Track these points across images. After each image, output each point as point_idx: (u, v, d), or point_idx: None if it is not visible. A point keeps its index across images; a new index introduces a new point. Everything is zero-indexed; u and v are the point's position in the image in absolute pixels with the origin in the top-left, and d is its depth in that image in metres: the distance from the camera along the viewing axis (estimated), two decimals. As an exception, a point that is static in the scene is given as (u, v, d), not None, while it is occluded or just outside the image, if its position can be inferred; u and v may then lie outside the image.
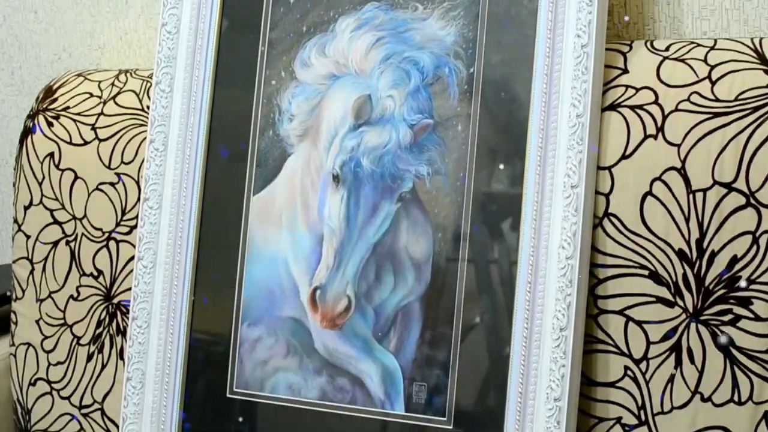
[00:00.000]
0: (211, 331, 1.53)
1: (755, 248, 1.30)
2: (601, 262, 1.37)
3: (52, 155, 1.69)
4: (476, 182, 1.39)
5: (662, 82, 1.37)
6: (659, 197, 1.34)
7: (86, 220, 1.66)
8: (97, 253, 1.65)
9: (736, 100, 1.33)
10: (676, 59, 1.38)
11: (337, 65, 1.47)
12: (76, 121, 1.70)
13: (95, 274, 1.65)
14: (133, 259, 1.58)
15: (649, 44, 1.42)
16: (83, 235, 1.66)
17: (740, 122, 1.32)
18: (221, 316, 1.51)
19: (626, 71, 1.40)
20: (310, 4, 1.50)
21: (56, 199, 1.69)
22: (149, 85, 1.67)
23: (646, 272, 1.34)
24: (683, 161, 1.33)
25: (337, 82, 1.47)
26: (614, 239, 1.36)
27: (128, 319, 1.56)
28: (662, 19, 1.53)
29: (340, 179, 1.44)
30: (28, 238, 1.71)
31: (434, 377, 1.40)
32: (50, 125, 1.71)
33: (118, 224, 1.64)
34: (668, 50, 1.40)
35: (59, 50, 1.97)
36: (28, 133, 1.73)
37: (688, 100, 1.35)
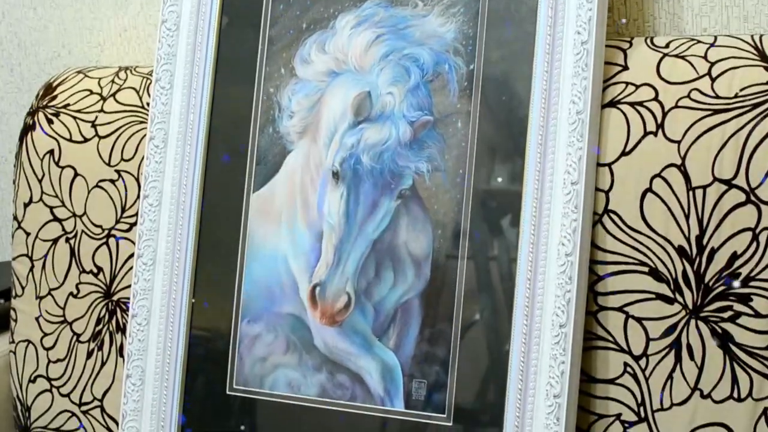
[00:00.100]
0: (210, 328, 1.53)
1: (755, 245, 1.30)
2: (600, 258, 1.37)
3: (52, 152, 1.69)
4: (476, 179, 1.39)
5: (662, 78, 1.37)
6: (659, 194, 1.34)
7: (86, 217, 1.66)
8: (96, 250, 1.65)
9: (736, 96, 1.33)
10: (676, 56, 1.38)
11: (336, 62, 1.47)
12: (76, 118, 1.70)
13: (95, 271, 1.65)
14: (132, 256, 1.58)
15: (649, 41, 1.42)
16: (83, 232, 1.66)
17: (740, 119, 1.31)
18: (221, 313, 1.51)
19: (626, 68, 1.40)
20: (309, 1, 1.50)
21: (56, 196, 1.69)
22: (149, 82, 1.67)
23: (645, 269, 1.34)
24: (683, 158, 1.33)
25: (336, 79, 1.47)
26: (614, 236, 1.36)
27: (128, 316, 1.56)
28: (662, 15, 1.53)
29: (339, 176, 1.44)
30: (27, 235, 1.71)
31: (434, 374, 1.40)
32: (50, 122, 1.71)
33: (117, 221, 1.63)
34: (668, 47, 1.40)
35: (59, 47, 1.97)
36: (27, 130, 1.73)
37: (688, 96, 1.35)
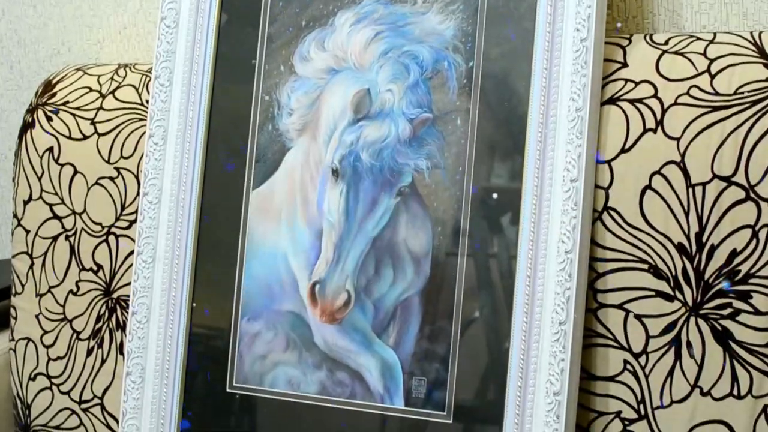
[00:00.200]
0: (210, 325, 1.53)
1: (755, 242, 1.30)
2: (600, 256, 1.37)
3: (51, 150, 1.69)
4: (475, 176, 1.39)
5: (661, 75, 1.37)
6: (659, 191, 1.34)
7: (86, 214, 1.66)
8: (96, 247, 1.65)
9: (735, 93, 1.32)
10: (675, 53, 1.38)
11: (336, 59, 1.47)
12: (75, 115, 1.69)
13: (95, 268, 1.65)
14: (132, 253, 1.58)
15: (648, 38, 1.42)
16: (83, 229, 1.66)
17: (739, 116, 1.31)
18: (221, 311, 1.51)
19: (625, 65, 1.40)
20: (309, -2, 1.50)
21: (56, 193, 1.68)
22: (148, 79, 1.67)
23: (645, 266, 1.34)
24: (683, 155, 1.33)
25: (336, 76, 1.47)
26: (614, 233, 1.36)
27: (128, 313, 1.56)
28: (661, 12, 1.53)
29: (339, 173, 1.44)
30: (27, 232, 1.71)
31: (434, 371, 1.40)
32: (49, 120, 1.71)
33: (117, 219, 1.63)
34: (667, 44, 1.40)
35: (58, 44, 1.97)
36: (27, 127, 1.73)
37: (687, 93, 1.35)
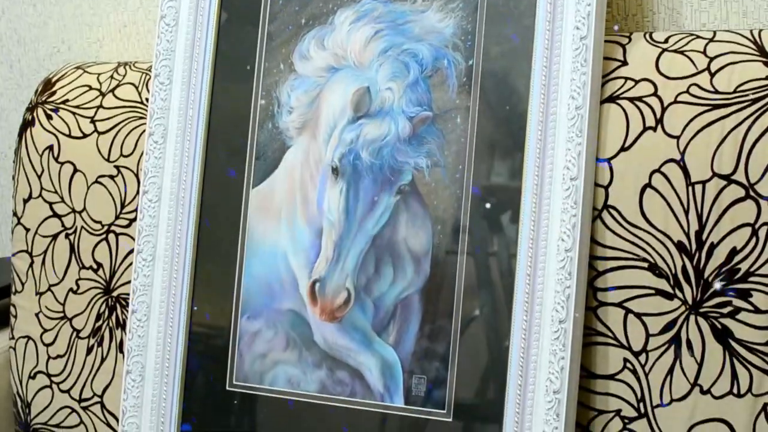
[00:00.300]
0: (210, 324, 1.53)
1: (754, 240, 1.30)
2: (600, 254, 1.37)
3: (51, 148, 1.69)
4: (475, 175, 1.39)
5: (661, 74, 1.37)
6: (658, 189, 1.34)
7: (86, 213, 1.66)
8: (96, 246, 1.65)
9: (735, 92, 1.32)
10: (675, 51, 1.38)
11: (336, 57, 1.47)
12: (75, 113, 1.69)
13: (95, 267, 1.65)
14: (132, 252, 1.58)
15: (648, 36, 1.42)
16: (83, 228, 1.66)
17: (739, 114, 1.31)
18: (221, 309, 1.51)
19: (625, 63, 1.40)
20: (308, -4, 1.50)
21: (55, 192, 1.68)
22: (148, 77, 1.67)
23: (645, 264, 1.34)
24: (682, 153, 1.33)
25: (336, 74, 1.47)
26: (613, 231, 1.36)
27: (128, 312, 1.56)
28: (661, 11, 1.53)
29: (339, 172, 1.44)
30: (27, 231, 1.71)
31: (434, 370, 1.40)
32: (49, 118, 1.71)
33: (117, 217, 1.63)
34: (667, 42, 1.40)
35: (58, 43, 1.96)
36: (27, 126, 1.73)
37: (687, 92, 1.35)
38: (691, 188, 1.32)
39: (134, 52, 1.90)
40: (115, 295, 1.64)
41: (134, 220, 1.61)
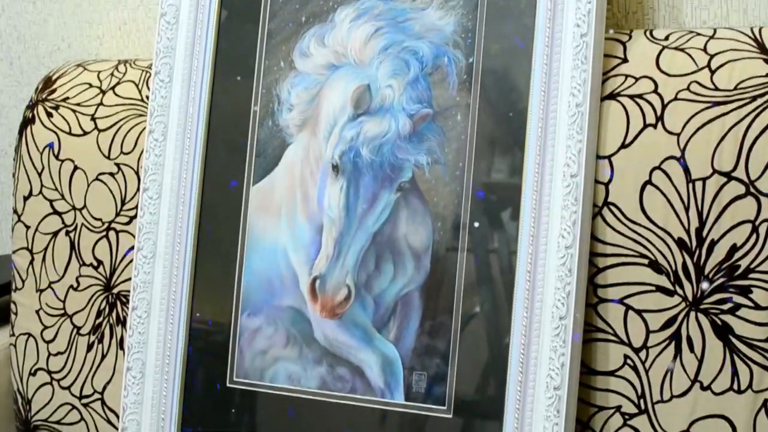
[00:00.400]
0: (211, 321, 1.53)
1: (755, 237, 1.30)
2: (600, 251, 1.37)
3: (51, 145, 1.69)
4: (476, 172, 1.39)
5: (662, 71, 1.37)
6: (659, 186, 1.34)
7: (86, 210, 1.66)
8: (96, 243, 1.65)
9: (735, 89, 1.33)
10: (675, 48, 1.38)
11: (336, 55, 1.47)
12: (75, 111, 1.69)
13: (95, 264, 1.65)
14: (132, 249, 1.58)
15: (648, 33, 1.42)
16: (83, 225, 1.66)
17: (740, 111, 1.31)
18: (221, 305, 1.52)
19: (626, 60, 1.40)
20: (309, -7, 1.50)
21: (56, 189, 1.69)
22: (148, 75, 1.67)
23: (645, 261, 1.34)
24: (683, 150, 1.33)
25: (336, 72, 1.47)
26: (614, 228, 1.36)
27: (128, 309, 1.56)
28: (661, 8, 1.53)
29: (339, 169, 1.44)
30: (27, 228, 1.71)
31: (434, 366, 1.40)
32: (49, 116, 1.71)
33: (117, 214, 1.64)
34: (667, 39, 1.40)
35: (58, 41, 1.96)
36: (27, 123, 1.73)
37: (687, 89, 1.35)
38: (691, 185, 1.32)
39: (134, 49, 1.90)
40: (115, 292, 1.64)
41: (134, 217, 1.61)
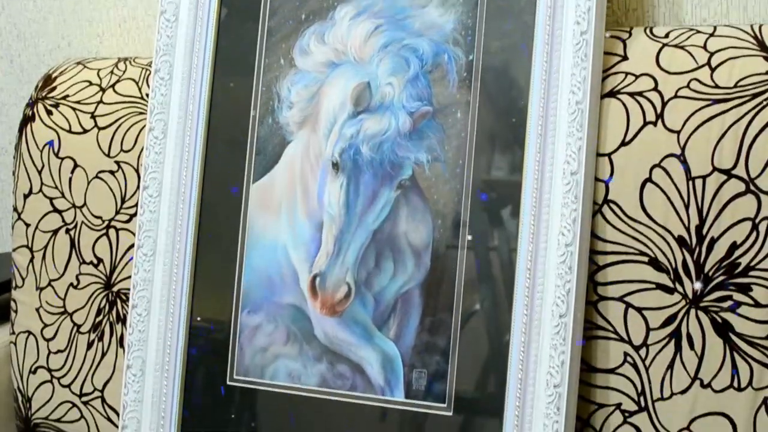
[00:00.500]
0: (211, 318, 1.53)
1: (755, 234, 1.30)
2: (600, 249, 1.37)
3: (51, 143, 1.69)
4: (476, 169, 1.39)
5: (662, 68, 1.37)
6: (659, 184, 1.34)
7: (86, 208, 1.66)
8: (96, 241, 1.65)
9: (735, 86, 1.33)
10: (675, 46, 1.38)
11: (336, 53, 1.47)
12: (75, 109, 1.69)
13: (95, 262, 1.65)
14: (132, 247, 1.58)
15: (648, 31, 1.42)
16: (83, 223, 1.66)
17: (740, 109, 1.31)
18: (221, 303, 1.52)
19: (626, 58, 1.40)
20: (309, -9, 1.50)
21: (56, 187, 1.69)
22: (148, 73, 1.67)
23: (645, 259, 1.34)
24: (683, 148, 1.33)
25: (336, 69, 1.47)
26: (614, 226, 1.36)
27: (128, 307, 1.56)
28: (661, 5, 1.53)
29: (339, 166, 1.44)
30: (27, 226, 1.71)
31: (434, 364, 1.40)
32: (49, 113, 1.71)
33: (117, 212, 1.64)
34: (668, 37, 1.40)
35: (58, 38, 1.96)
36: (27, 121, 1.73)
37: (687, 86, 1.35)
38: (691, 183, 1.32)
39: (134, 47, 1.90)
40: (115, 290, 1.64)
41: (134, 215, 1.61)
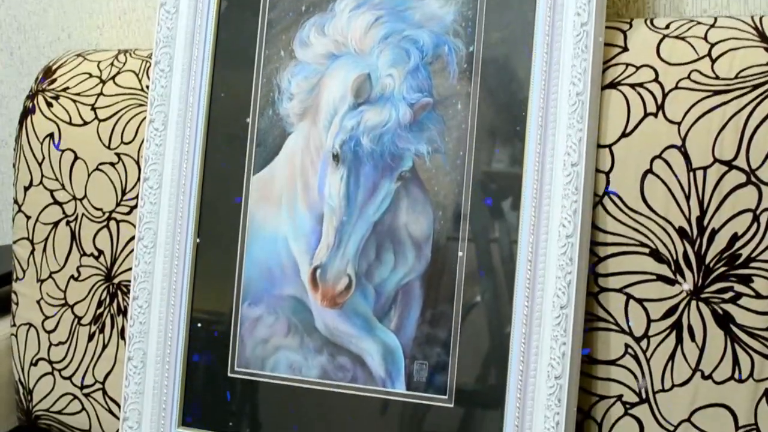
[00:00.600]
0: (211, 310, 1.53)
1: (755, 226, 1.30)
2: (601, 240, 1.37)
3: (51, 135, 1.69)
4: (476, 161, 1.39)
5: (662, 60, 1.37)
6: (659, 175, 1.34)
7: (86, 200, 1.66)
8: (97, 233, 1.65)
9: (736, 78, 1.32)
10: (676, 37, 1.38)
11: (336, 44, 1.47)
12: (75, 101, 1.69)
13: (96, 254, 1.65)
14: (133, 239, 1.58)
15: (649, 22, 1.42)
16: (83, 215, 1.66)
17: (740, 100, 1.31)
18: (222, 295, 1.52)
19: (626, 49, 1.40)
20: (309, -17, 1.50)
21: (56, 179, 1.69)
22: (148, 64, 1.67)
23: (646, 250, 1.34)
24: (683, 139, 1.33)
25: (336, 61, 1.47)
26: (614, 217, 1.36)
27: (129, 299, 1.56)
28: (662, -4, 1.53)
29: (340, 158, 1.44)
30: (28, 218, 1.71)
31: (435, 356, 1.40)
32: (50, 105, 1.71)
33: (118, 204, 1.63)
34: (668, 28, 1.40)
35: (58, 31, 1.96)
36: (27, 113, 1.73)
37: (688, 78, 1.35)
38: (692, 174, 1.32)
39: (134, 39, 1.90)
40: (116, 282, 1.64)
41: (135, 207, 1.61)
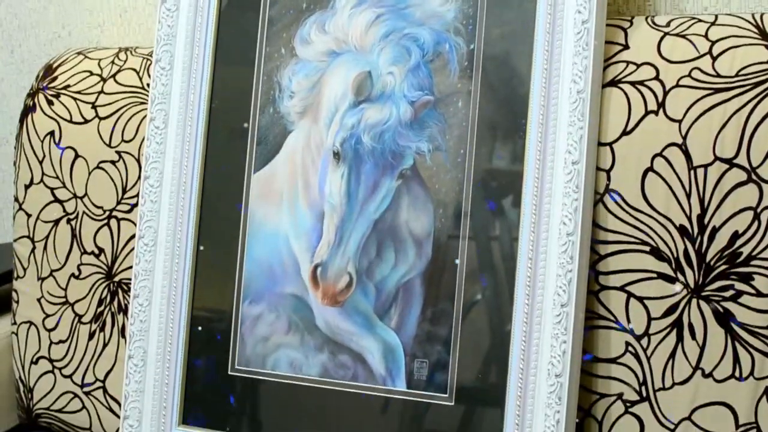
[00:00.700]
0: (212, 308, 1.53)
1: (756, 224, 1.30)
2: (602, 238, 1.37)
3: (52, 133, 1.69)
4: (477, 159, 1.39)
5: (663, 57, 1.37)
6: (660, 173, 1.34)
7: (87, 198, 1.66)
8: (98, 231, 1.65)
9: (737, 75, 1.32)
10: (676, 35, 1.38)
11: (337, 42, 1.47)
12: (76, 99, 1.69)
13: (96, 252, 1.65)
14: (134, 237, 1.58)
15: (649, 20, 1.42)
16: (84, 213, 1.66)
17: (741, 98, 1.31)
18: (222, 293, 1.52)
19: (627, 47, 1.39)
20: (309, -20, 1.50)
21: (57, 177, 1.69)
22: (149, 62, 1.67)
23: (647, 248, 1.34)
24: (684, 137, 1.33)
25: (337, 59, 1.47)
26: (615, 215, 1.36)
27: (129, 297, 1.56)
28: (663, -6, 1.53)
29: (340, 156, 1.44)
30: (29, 216, 1.71)
31: (436, 354, 1.40)
32: (50, 104, 1.71)
33: (118, 202, 1.63)
34: (669, 26, 1.40)
35: (59, 28, 1.96)
36: (28, 111, 1.73)
37: (689, 75, 1.35)
38: (692, 172, 1.32)
39: (135, 37, 1.90)
40: (116, 280, 1.64)
41: (136, 205, 1.61)
